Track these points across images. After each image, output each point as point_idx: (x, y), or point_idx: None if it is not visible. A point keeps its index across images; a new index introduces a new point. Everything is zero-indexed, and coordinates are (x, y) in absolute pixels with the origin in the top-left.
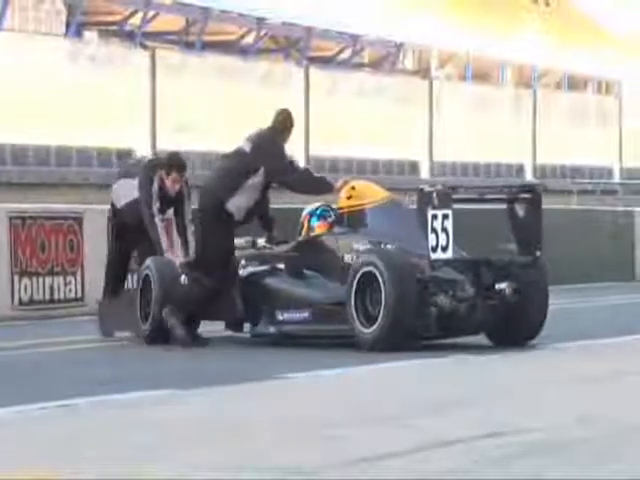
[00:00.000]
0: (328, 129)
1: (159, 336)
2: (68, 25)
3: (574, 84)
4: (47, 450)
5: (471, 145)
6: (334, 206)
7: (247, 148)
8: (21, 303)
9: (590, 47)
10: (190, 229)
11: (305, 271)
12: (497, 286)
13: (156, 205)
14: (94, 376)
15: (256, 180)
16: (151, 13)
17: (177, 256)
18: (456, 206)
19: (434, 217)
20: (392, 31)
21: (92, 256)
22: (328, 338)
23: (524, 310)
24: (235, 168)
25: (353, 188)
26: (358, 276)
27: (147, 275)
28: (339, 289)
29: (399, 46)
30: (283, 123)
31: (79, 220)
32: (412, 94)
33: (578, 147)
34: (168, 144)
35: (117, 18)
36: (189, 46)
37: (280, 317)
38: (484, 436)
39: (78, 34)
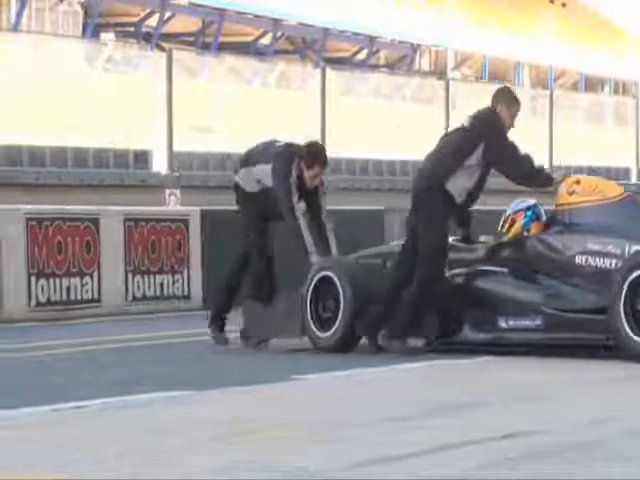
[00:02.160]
0: (344, 130)
1: (345, 345)
2: (85, 27)
3: (590, 85)
4: (59, 451)
5: None
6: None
7: (467, 124)
8: (38, 304)
9: (607, 48)
10: (329, 226)
11: (531, 274)
12: None
13: (296, 196)
14: (109, 377)
15: (474, 159)
16: (167, 14)
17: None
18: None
19: None
20: (408, 32)
21: (108, 257)
22: (561, 347)
23: None
24: (454, 146)
25: (577, 182)
26: (629, 280)
27: (326, 277)
28: (578, 294)
29: (415, 47)
30: (503, 101)
31: (96, 221)
32: (428, 95)
33: (595, 148)
34: (185, 145)
35: (133, 20)
36: (205, 47)
37: (503, 324)
38: (497, 438)
39: (95, 36)
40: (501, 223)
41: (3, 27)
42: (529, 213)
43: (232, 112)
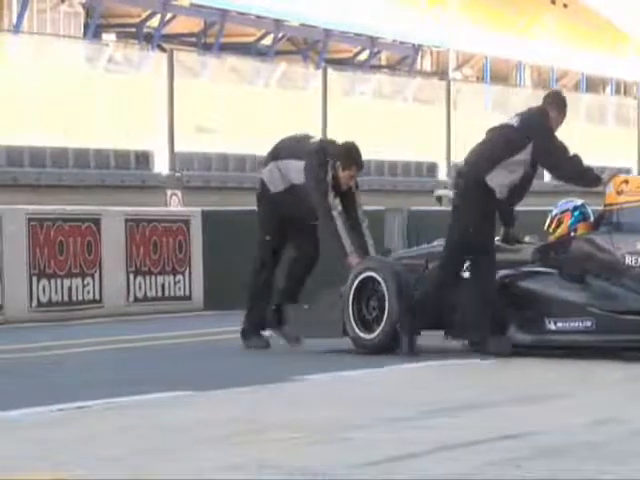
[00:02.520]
0: (346, 131)
1: (390, 347)
2: (86, 27)
3: (592, 86)
4: (63, 451)
5: None
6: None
7: (515, 123)
8: (39, 305)
9: (609, 49)
10: (365, 224)
11: (579, 274)
12: None
13: (331, 195)
14: (110, 378)
15: (521, 157)
16: (169, 15)
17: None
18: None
19: None
20: (410, 33)
21: (110, 258)
22: (612, 350)
23: None
24: (499, 142)
25: (626, 182)
26: None
27: (370, 277)
28: (629, 294)
29: (417, 48)
30: (554, 104)
31: (97, 222)
32: (430, 95)
33: (597, 148)
34: (186, 145)
35: (135, 20)
36: (207, 48)
37: (552, 326)
38: (499, 438)
39: (96, 36)
40: (547, 223)
41: (4, 28)
42: (576, 213)
43: (233, 113)
